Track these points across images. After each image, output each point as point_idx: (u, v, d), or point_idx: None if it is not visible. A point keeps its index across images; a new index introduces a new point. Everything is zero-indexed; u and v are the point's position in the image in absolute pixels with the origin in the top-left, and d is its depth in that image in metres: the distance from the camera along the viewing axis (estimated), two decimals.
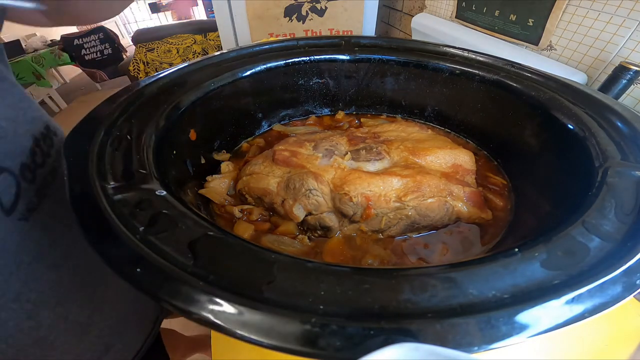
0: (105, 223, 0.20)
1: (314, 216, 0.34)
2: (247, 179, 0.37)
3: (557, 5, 0.61)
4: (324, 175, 0.34)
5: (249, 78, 0.45)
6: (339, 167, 0.35)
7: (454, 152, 0.39)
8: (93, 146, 0.26)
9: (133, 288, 0.17)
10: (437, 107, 0.51)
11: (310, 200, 0.33)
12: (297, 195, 0.34)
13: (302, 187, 0.33)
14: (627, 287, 0.18)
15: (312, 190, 0.33)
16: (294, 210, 0.33)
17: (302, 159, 0.36)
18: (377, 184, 0.33)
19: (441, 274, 0.18)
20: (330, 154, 0.37)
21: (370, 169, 0.36)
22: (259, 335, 0.15)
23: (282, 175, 0.36)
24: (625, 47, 0.52)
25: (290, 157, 0.36)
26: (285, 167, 0.36)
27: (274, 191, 0.35)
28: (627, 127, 0.31)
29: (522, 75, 0.42)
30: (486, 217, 0.35)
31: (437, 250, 0.33)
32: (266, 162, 0.38)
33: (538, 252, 0.20)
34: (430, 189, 0.33)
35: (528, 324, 0.16)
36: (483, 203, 0.36)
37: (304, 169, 0.35)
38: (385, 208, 0.33)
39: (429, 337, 0.15)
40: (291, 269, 0.18)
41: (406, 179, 0.33)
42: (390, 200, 0.32)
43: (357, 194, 0.32)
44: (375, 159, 0.36)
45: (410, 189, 0.33)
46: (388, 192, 0.33)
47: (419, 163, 0.37)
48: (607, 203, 0.23)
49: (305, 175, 0.34)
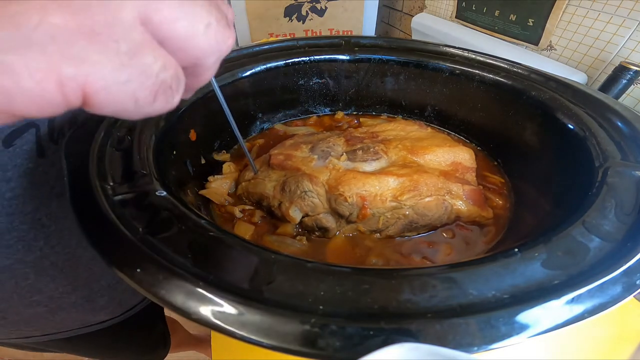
0: (105, 223, 0.20)
1: (310, 217, 0.34)
2: (245, 184, 0.38)
3: (557, 5, 0.61)
4: (319, 176, 0.34)
5: (249, 78, 0.45)
6: (334, 168, 0.35)
7: (453, 149, 0.38)
8: (93, 146, 0.26)
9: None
10: (437, 107, 0.51)
11: (306, 202, 0.33)
12: (293, 198, 0.34)
13: (297, 189, 0.33)
14: (627, 287, 0.18)
15: (307, 192, 0.33)
16: (290, 212, 0.34)
17: (297, 162, 0.36)
18: (372, 184, 0.33)
19: (441, 274, 0.18)
20: (327, 155, 0.37)
21: (367, 169, 0.36)
22: (258, 336, 0.15)
23: (278, 179, 0.36)
24: (625, 47, 0.52)
25: (285, 161, 0.37)
26: (281, 170, 0.36)
27: (271, 194, 0.35)
28: (627, 127, 0.31)
29: (522, 75, 0.42)
30: (487, 216, 0.35)
31: (441, 250, 0.33)
32: (263, 166, 0.38)
33: (538, 252, 0.20)
34: (427, 187, 0.33)
35: (528, 324, 0.16)
36: (483, 201, 0.36)
37: (299, 171, 0.35)
38: (382, 208, 0.32)
39: (429, 337, 0.15)
40: (291, 269, 0.18)
41: (402, 178, 0.33)
42: (387, 200, 0.32)
43: (352, 194, 0.32)
44: (372, 159, 0.36)
45: (406, 188, 0.33)
46: (384, 192, 0.33)
47: (418, 162, 0.37)
48: (607, 203, 0.23)
49: (300, 177, 0.34)
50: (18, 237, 0.32)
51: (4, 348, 1.20)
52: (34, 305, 0.38)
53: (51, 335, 0.44)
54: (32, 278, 0.35)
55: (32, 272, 0.35)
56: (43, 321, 0.41)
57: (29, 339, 0.43)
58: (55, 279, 0.37)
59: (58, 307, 0.40)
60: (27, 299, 0.36)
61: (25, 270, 0.34)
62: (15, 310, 0.37)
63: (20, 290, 0.35)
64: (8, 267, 0.33)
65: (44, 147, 0.30)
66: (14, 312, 0.37)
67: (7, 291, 0.35)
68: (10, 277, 0.34)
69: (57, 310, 0.40)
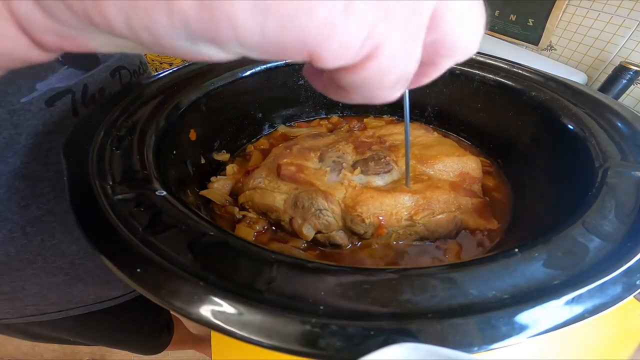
0: (105, 223, 0.20)
1: (323, 235, 0.33)
2: (250, 193, 0.36)
3: (557, 5, 0.61)
4: (335, 194, 0.33)
5: (249, 78, 0.44)
6: (350, 185, 0.33)
7: (461, 159, 0.38)
8: (93, 146, 0.26)
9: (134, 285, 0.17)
10: (437, 107, 0.51)
11: (321, 221, 0.32)
12: (306, 215, 0.32)
13: (311, 206, 0.32)
14: (627, 287, 0.18)
15: (322, 211, 0.32)
16: (303, 230, 0.33)
17: (310, 175, 0.35)
18: (388, 203, 0.32)
19: (441, 274, 0.18)
20: (339, 167, 0.35)
21: (379, 183, 0.35)
22: (259, 336, 0.15)
23: (288, 192, 0.34)
24: (625, 47, 0.53)
25: (297, 173, 0.35)
26: (292, 183, 0.35)
27: (281, 209, 0.34)
28: (627, 127, 0.31)
29: (522, 75, 0.42)
30: (492, 227, 0.35)
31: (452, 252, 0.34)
32: (270, 176, 0.36)
33: (538, 252, 0.20)
34: (439, 205, 0.33)
35: (528, 324, 0.16)
36: (490, 213, 0.36)
37: (313, 187, 0.34)
38: (397, 226, 0.32)
39: (429, 337, 0.15)
40: (291, 269, 0.18)
41: (416, 196, 0.33)
42: (402, 219, 0.32)
43: (370, 215, 0.31)
44: (384, 172, 0.35)
45: (420, 207, 0.32)
46: (399, 210, 0.32)
47: (428, 173, 0.37)
48: (607, 203, 0.23)
49: (315, 194, 0.33)
50: (51, 186, 0.36)
51: (3, 348, 1.20)
52: (55, 272, 0.41)
53: (65, 311, 0.46)
54: (57, 237, 0.38)
55: (59, 229, 0.38)
56: (60, 293, 0.43)
57: (44, 315, 0.45)
58: (78, 239, 0.40)
59: (76, 277, 0.43)
60: (50, 264, 0.40)
61: (52, 226, 0.38)
62: (36, 281, 0.40)
63: (45, 253, 0.38)
64: (38, 219, 0.36)
65: (78, 109, 0.35)
66: (35, 283, 0.40)
67: (33, 252, 0.37)
68: (39, 232, 0.37)
69: (76, 281, 0.43)
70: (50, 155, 0.34)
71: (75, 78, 0.34)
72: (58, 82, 0.32)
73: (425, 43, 0.12)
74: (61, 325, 0.48)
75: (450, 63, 0.14)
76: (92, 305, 0.48)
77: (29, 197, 0.35)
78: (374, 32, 0.10)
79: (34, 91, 0.30)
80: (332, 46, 0.10)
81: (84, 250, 0.41)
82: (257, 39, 0.09)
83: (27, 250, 0.37)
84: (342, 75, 0.12)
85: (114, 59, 0.39)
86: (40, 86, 0.30)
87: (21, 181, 0.33)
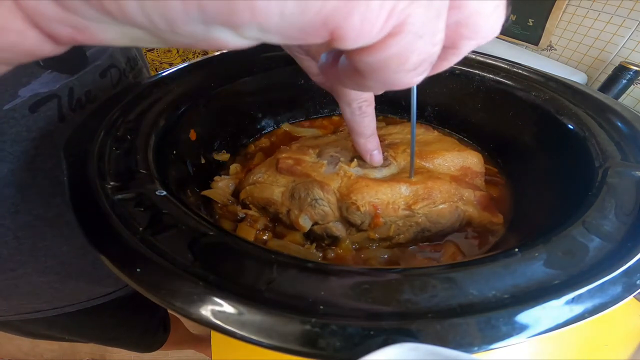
0: (105, 223, 0.20)
1: (320, 226, 0.33)
2: (250, 188, 0.36)
3: (557, 5, 0.61)
4: (330, 184, 0.33)
5: (249, 78, 0.44)
6: (345, 175, 0.33)
7: (462, 154, 0.38)
8: (93, 146, 0.26)
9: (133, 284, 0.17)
10: (437, 107, 0.51)
11: (317, 211, 0.32)
12: (302, 206, 0.33)
13: (307, 196, 0.32)
14: (627, 287, 0.18)
15: (318, 200, 0.32)
16: (300, 220, 0.33)
17: (307, 167, 0.35)
18: (385, 192, 0.32)
19: (441, 274, 0.18)
20: (336, 160, 0.35)
21: (377, 175, 0.35)
22: (259, 336, 0.15)
23: (286, 185, 0.35)
24: (625, 47, 0.53)
25: (294, 166, 0.35)
26: (290, 175, 0.35)
27: (279, 201, 0.34)
28: (627, 127, 0.31)
29: (522, 75, 0.42)
30: (497, 222, 0.34)
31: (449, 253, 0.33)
32: (269, 170, 0.36)
33: (538, 252, 0.20)
34: (441, 194, 0.32)
35: (528, 324, 0.16)
36: (493, 206, 0.35)
37: (309, 178, 0.34)
38: (394, 216, 0.32)
39: (429, 337, 0.15)
40: (291, 269, 0.18)
41: (416, 186, 0.32)
42: (399, 209, 0.32)
43: (365, 203, 0.31)
44: (382, 166, 0.35)
45: (420, 197, 0.32)
46: (396, 200, 0.32)
47: (427, 167, 0.36)
48: (607, 203, 0.23)
49: (311, 185, 0.33)
50: (38, 192, 0.35)
51: (3, 348, 1.20)
52: (47, 272, 0.41)
53: (59, 309, 0.46)
54: (49, 239, 0.38)
55: (50, 232, 0.38)
56: (53, 292, 0.43)
57: (38, 313, 0.45)
58: (68, 240, 0.40)
59: (68, 275, 0.43)
60: (42, 265, 0.40)
61: (43, 230, 0.37)
62: (29, 279, 0.40)
63: (37, 254, 0.38)
64: (29, 224, 0.36)
65: (64, 113, 0.34)
66: (27, 282, 0.40)
67: (25, 254, 0.38)
68: (30, 236, 0.37)
69: (67, 279, 0.43)
70: (36, 162, 0.34)
71: (59, 82, 0.33)
72: (41, 87, 0.31)
73: (447, 24, 0.11)
74: (55, 322, 0.49)
75: (471, 46, 0.14)
76: (86, 302, 0.48)
77: (19, 204, 0.34)
78: (397, 7, 0.10)
79: (16, 97, 0.30)
80: (354, 22, 0.09)
81: (74, 249, 0.41)
82: (276, 20, 0.09)
83: (19, 252, 0.37)
84: (362, 57, 0.11)
85: (105, 56, 0.38)
86: (23, 92, 0.30)
87: (9, 188, 0.33)
